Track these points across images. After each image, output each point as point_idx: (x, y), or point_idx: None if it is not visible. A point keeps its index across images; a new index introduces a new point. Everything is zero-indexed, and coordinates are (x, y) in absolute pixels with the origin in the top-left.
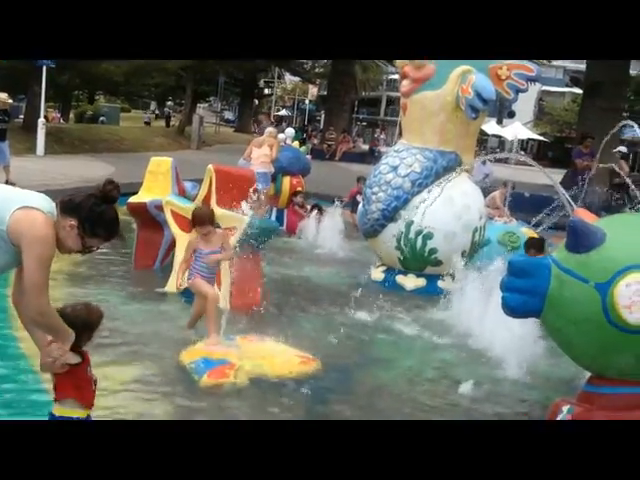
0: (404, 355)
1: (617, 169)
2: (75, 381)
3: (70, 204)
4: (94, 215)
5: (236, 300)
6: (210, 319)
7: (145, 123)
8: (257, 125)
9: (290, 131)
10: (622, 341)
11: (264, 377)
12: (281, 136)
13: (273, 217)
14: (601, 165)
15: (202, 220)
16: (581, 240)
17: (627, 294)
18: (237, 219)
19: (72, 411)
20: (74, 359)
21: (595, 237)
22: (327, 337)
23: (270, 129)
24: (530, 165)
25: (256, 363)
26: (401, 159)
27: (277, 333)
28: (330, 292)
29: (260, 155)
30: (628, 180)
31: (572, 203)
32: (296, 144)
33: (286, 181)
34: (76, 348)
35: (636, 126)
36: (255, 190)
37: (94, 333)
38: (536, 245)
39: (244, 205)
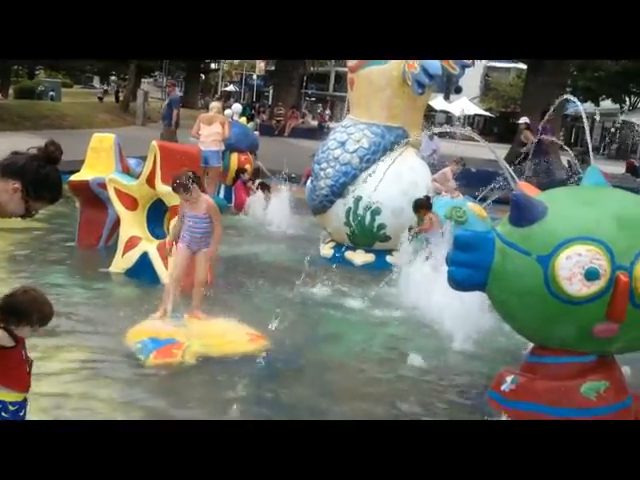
0: (354, 330)
1: (523, 139)
2: (4, 365)
3: (12, 167)
4: (39, 177)
5: (184, 279)
6: (165, 294)
7: (98, 99)
8: (168, 95)
9: (237, 107)
10: (563, 312)
11: (212, 356)
12: (228, 112)
13: (221, 194)
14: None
15: (174, 188)
16: (524, 214)
17: (568, 266)
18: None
19: (6, 394)
20: (6, 341)
21: (537, 211)
22: (277, 314)
23: (214, 104)
24: (476, 140)
25: (204, 342)
26: (349, 135)
27: (226, 311)
28: (279, 269)
29: (212, 133)
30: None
31: (515, 178)
32: (243, 120)
33: (234, 158)
34: (8, 331)
35: (577, 101)
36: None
37: (33, 328)
38: (425, 204)
39: None
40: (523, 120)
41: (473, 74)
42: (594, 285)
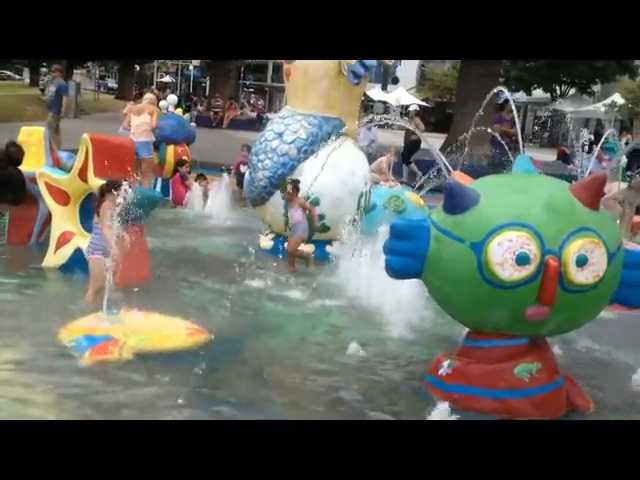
0: (294, 321)
1: (413, 127)
2: None
3: None
4: (2, 179)
5: (121, 274)
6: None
7: (41, 90)
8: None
9: (172, 98)
10: (496, 296)
11: (151, 351)
12: (163, 104)
13: (158, 188)
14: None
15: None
16: (457, 201)
17: (500, 252)
18: None
19: None
20: None
21: (470, 198)
22: (216, 307)
23: (148, 95)
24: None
25: (142, 337)
26: (286, 125)
27: (164, 306)
28: (219, 262)
29: (141, 123)
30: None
31: (449, 167)
32: (179, 111)
33: (170, 150)
34: None
35: (506, 92)
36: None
37: None
38: (294, 185)
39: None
40: (413, 108)
41: (409, 65)
42: (525, 270)
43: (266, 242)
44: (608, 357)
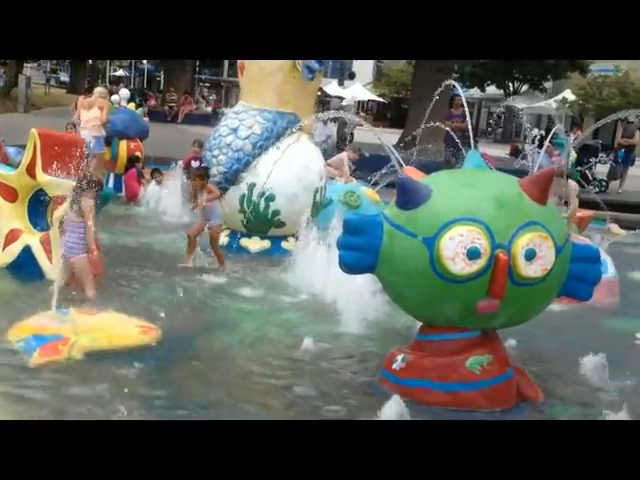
0: (249, 317)
1: (359, 121)
2: None
3: None
4: None
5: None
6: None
7: None
8: None
9: (125, 92)
10: (448, 290)
11: (101, 350)
12: (115, 98)
13: (110, 184)
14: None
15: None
16: (409, 197)
17: (451, 246)
18: (66, 186)
19: None
20: None
21: (422, 194)
22: (170, 305)
23: (99, 89)
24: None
25: (93, 336)
26: (240, 121)
27: (116, 304)
28: (173, 259)
29: (91, 118)
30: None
31: (402, 162)
32: (132, 106)
33: (123, 145)
34: None
35: (458, 87)
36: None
37: None
38: (202, 174)
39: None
40: (347, 102)
41: (366, 61)
42: (475, 264)
43: (221, 238)
44: (557, 349)
